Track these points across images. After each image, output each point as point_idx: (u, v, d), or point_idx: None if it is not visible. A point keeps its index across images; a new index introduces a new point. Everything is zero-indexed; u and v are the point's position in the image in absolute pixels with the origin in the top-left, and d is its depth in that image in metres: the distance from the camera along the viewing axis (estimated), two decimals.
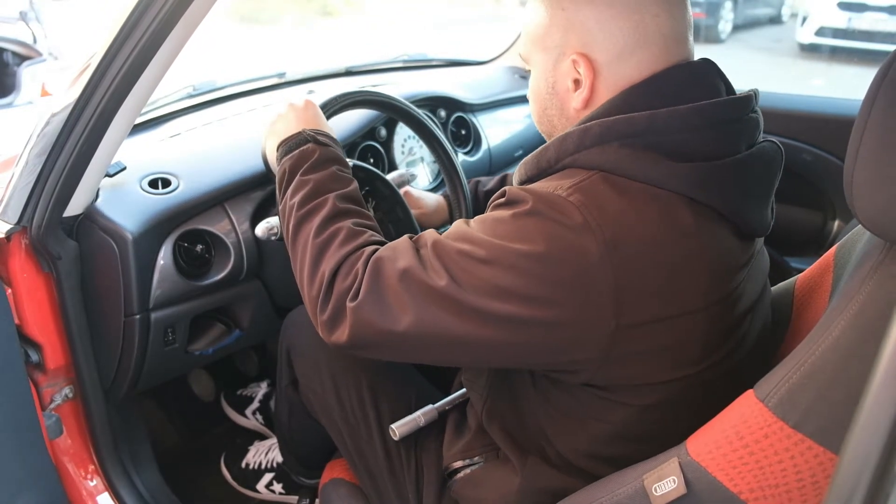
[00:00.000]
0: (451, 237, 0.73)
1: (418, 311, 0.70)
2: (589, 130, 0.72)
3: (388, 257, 0.74)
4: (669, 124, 0.70)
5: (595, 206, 0.67)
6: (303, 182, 0.89)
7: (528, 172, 0.79)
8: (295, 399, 1.15)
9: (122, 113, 0.97)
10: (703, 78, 0.75)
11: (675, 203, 0.69)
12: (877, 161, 0.55)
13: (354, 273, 0.75)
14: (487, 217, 0.73)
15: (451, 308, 0.69)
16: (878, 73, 0.57)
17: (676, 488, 0.63)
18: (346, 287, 0.75)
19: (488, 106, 1.83)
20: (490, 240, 0.69)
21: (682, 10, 0.76)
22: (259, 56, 6.15)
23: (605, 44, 0.74)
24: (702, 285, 0.69)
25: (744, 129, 0.74)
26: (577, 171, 0.72)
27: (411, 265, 0.72)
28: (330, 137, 0.97)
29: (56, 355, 1.16)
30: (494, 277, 0.67)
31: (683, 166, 0.69)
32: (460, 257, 0.70)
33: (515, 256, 0.67)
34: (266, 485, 1.46)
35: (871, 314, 0.56)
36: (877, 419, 0.38)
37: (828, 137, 1.63)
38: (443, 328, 0.70)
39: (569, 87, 0.78)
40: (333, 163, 0.92)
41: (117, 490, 1.25)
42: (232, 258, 1.19)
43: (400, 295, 0.71)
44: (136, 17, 0.87)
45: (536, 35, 0.80)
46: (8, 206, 1.05)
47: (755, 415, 0.59)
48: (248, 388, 1.68)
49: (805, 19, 6.65)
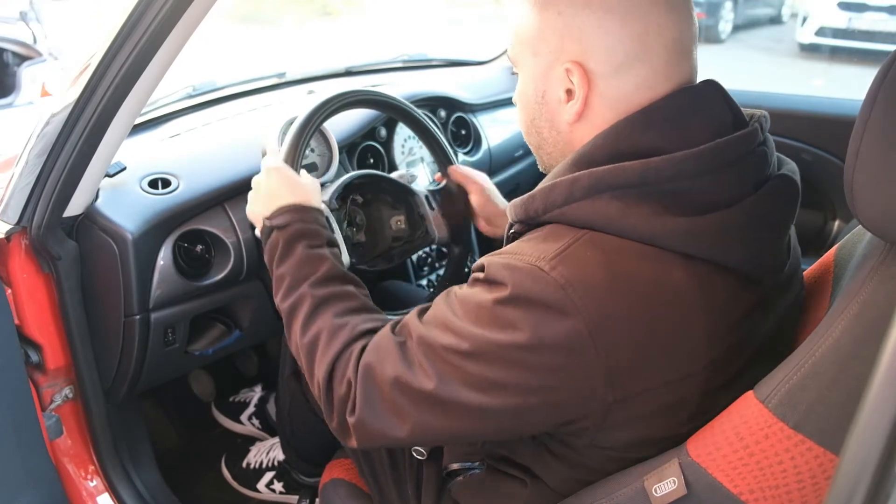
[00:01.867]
0: (435, 324, 0.70)
1: (416, 418, 0.70)
2: (577, 182, 0.66)
3: (375, 363, 0.72)
4: (664, 174, 0.64)
5: (581, 283, 0.62)
6: (278, 278, 0.89)
7: (517, 216, 0.73)
8: (297, 390, 1.15)
9: (122, 113, 0.97)
10: (706, 107, 0.69)
11: (671, 263, 0.63)
12: (877, 161, 0.54)
13: (347, 381, 0.75)
14: (469, 298, 0.68)
15: (446, 410, 0.68)
16: (878, 73, 0.56)
17: (677, 489, 0.63)
18: (342, 397, 0.75)
19: (488, 106, 1.83)
20: (473, 331, 0.66)
21: (688, 23, 0.70)
22: (259, 56, 6.15)
23: (603, 54, 0.68)
24: (702, 346, 0.65)
25: (751, 167, 0.68)
26: (565, 229, 0.67)
27: (399, 372, 0.70)
28: (291, 208, 0.93)
29: (56, 356, 1.16)
30: (482, 371, 0.65)
31: (680, 222, 0.63)
32: (446, 353, 0.67)
33: (500, 348, 0.64)
34: (266, 484, 1.47)
35: (872, 315, 0.56)
36: (877, 420, 0.38)
37: (828, 137, 1.63)
38: (441, 428, 0.70)
39: (560, 98, 0.72)
40: (299, 240, 0.90)
41: (117, 490, 1.25)
42: (232, 258, 1.19)
43: (395, 404, 0.71)
44: (135, 17, 0.87)
45: (527, 37, 0.74)
46: (8, 206, 1.05)
47: (755, 415, 0.59)
48: (240, 393, 1.68)
49: (805, 19, 6.65)
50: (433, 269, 1.57)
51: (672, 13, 0.69)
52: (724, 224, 0.64)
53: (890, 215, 0.55)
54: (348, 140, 1.40)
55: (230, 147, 1.30)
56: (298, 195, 0.96)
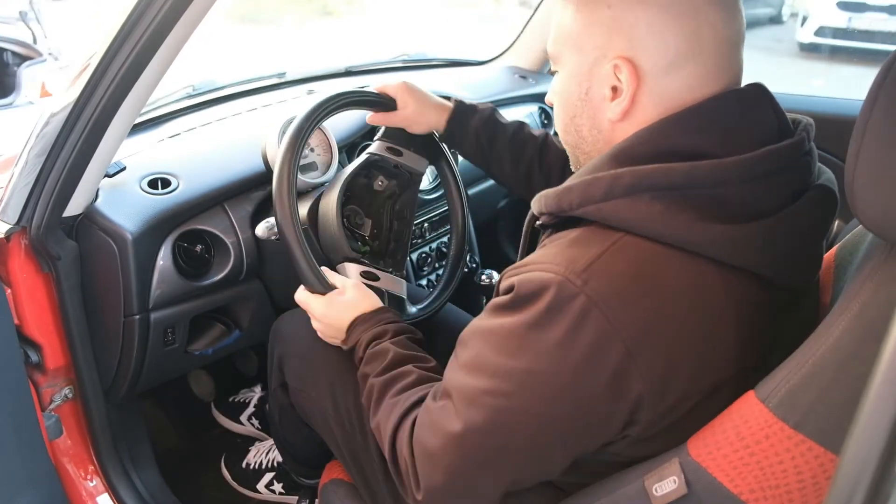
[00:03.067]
0: (470, 370, 0.68)
1: (464, 469, 0.69)
2: (619, 179, 0.63)
3: (424, 437, 0.72)
4: (710, 178, 0.62)
5: (615, 299, 0.60)
6: (362, 378, 0.91)
7: (547, 207, 0.70)
8: (285, 402, 1.14)
9: (121, 113, 0.97)
10: (754, 112, 0.67)
11: (707, 270, 0.62)
12: (878, 162, 0.54)
13: (404, 460, 0.74)
14: (497, 329, 0.66)
15: (502, 457, 0.68)
16: (879, 73, 0.56)
17: (677, 489, 0.63)
18: (405, 472, 0.74)
19: None
20: (507, 363, 0.64)
21: (739, 18, 0.69)
22: (259, 56, 6.15)
23: (654, 50, 0.66)
24: (733, 354, 0.64)
25: (794, 177, 0.67)
26: (597, 234, 0.64)
27: (447, 432, 0.68)
28: (358, 322, 0.95)
29: (56, 356, 1.16)
30: (523, 406, 0.64)
31: (720, 230, 0.61)
32: (486, 398, 0.66)
33: (536, 380, 0.63)
34: (266, 484, 1.46)
35: (872, 315, 0.56)
36: (877, 420, 0.38)
37: (828, 137, 1.63)
38: (511, 470, 0.69)
39: (605, 95, 0.70)
40: (367, 346, 0.92)
41: (117, 490, 1.25)
42: (232, 258, 1.18)
43: (449, 466, 0.69)
44: (135, 17, 0.87)
45: (572, 33, 0.71)
46: (7, 206, 1.05)
47: (756, 415, 0.59)
48: (239, 394, 1.67)
49: (805, 19, 6.65)
50: (433, 270, 1.57)
51: (724, 9, 0.67)
52: (763, 234, 0.63)
53: (890, 215, 0.55)
54: (348, 140, 1.40)
55: (230, 147, 1.30)
56: (360, 308, 0.97)
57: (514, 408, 0.65)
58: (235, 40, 6.45)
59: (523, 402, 0.64)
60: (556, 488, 0.79)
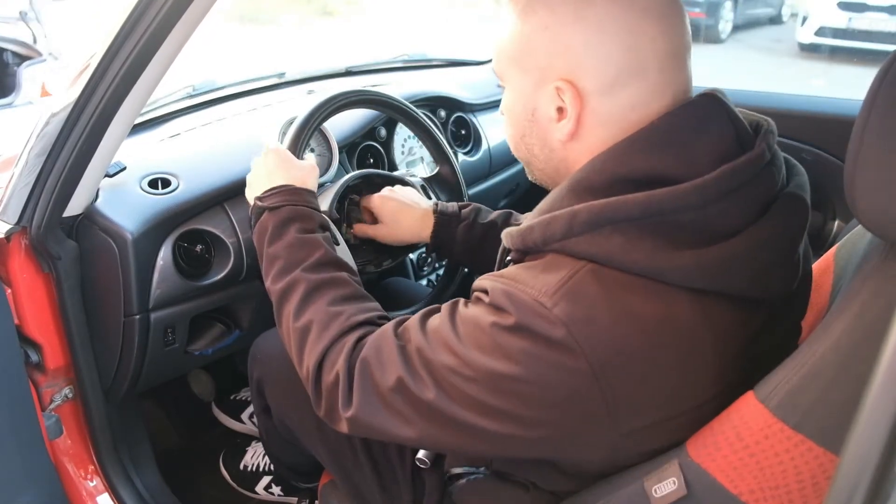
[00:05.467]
0: (437, 340, 0.68)
1: (421, 425, 0.69)
2: (576, 216, 0.62)
3: (375, 363, 0.71)
4: (667, 206, 0.61)
5: (583, 319, 0.59)
6: (269, 259, 0.88)
7: (513, 245, 0.69)
8: (269, 425, 1.14)
9: (121, 113, 0.97)
10: (708, 125, 0.65)
11: (676, 297, 0.61)
12: (878, 162, 0.54)
13: (336, 373, 0.74)
14: (472, 319, 0.66)
15: (447, 423, 0.67)
16: (878, 73, 0.56)
17: (677, 489, 0.62)
18: (330, 386, 0.74)
19: (488, 106, 1.83)
20: (474, 356, 0.64)
21: (681, 30, 0.67)
22: (259, 56, 6.15)
23: (594, 71, 0.65)
24: (710, 377, 0.63)
25: (758, 190, 0.65)
26: (565, 259, 0.63)
27: (401, 375, 0.68)
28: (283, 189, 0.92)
29: (56, 355, 1.16)
30: (481, 395, 0.64)
31: (685, 256, 0.60)
32: (446, 372, 0.66)
33: (499, 378, 0.62)
34: (265, 487, 1.46)
35: (872, 315, 0.56)
36: (877, 420, 0.38)
37: (828, 137, 1.63)
38: (445, 440, 0.69)
39: (551, 116, 0.68)
40: (291, 223, 0.89)
41: (117, 490, 1.25)
42: (232, 258, 1.18)
43: (397, 407, 0.69)
44: (135, 17, 0.87)
45: (513, 53, 0.70)
46: (7, 206, 1.05)
47: (755, 416, 0.59)
48: (241, 392, 1.67)
49: (805, 19, 6.65)
50: (433, 269, 1.57)
51: (663, 22, 0.65)
52: (730, 254, 0.61)
53: (890, 215, 0.55)
54: (348, 140, 1.40)
55: (230, 147, 1.30)
56: (293, 176, 0.95)
57: (467, 391, 0.64)
58: (235, 40, 6.45)
59: (478, 390, 0.64)
60: (551, 494, 0.78)
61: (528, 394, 0.62)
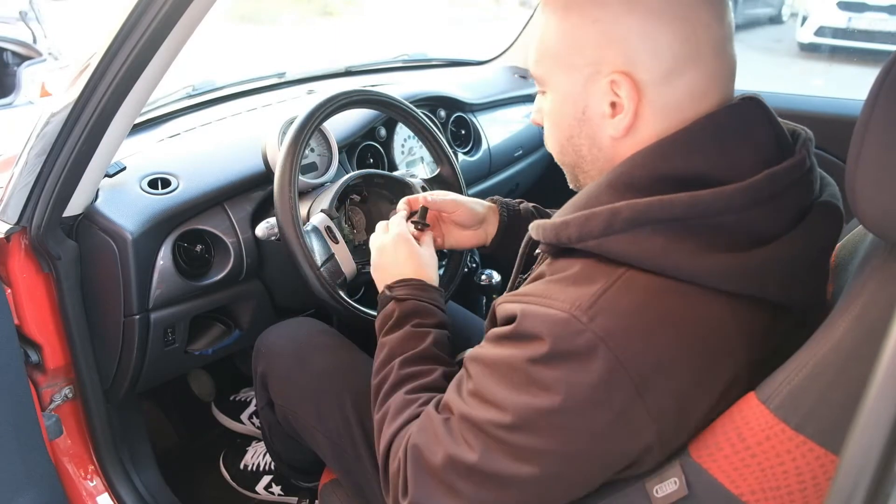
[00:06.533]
0: (474, 397, 0.66)
1: (470, 494, 0.66)
2: (618, 214, 0.61)
3: (423, 445, 0.70)
4: (712, 208, 0.60)
5: (622, 337, 0.58)
6: (381, 346, 0.89)
7: (545, 238, 0.68)
8: (273, 420, 1.14)
9: (121, 113, 0.97)
10: (751, 129, 0.65)
11: (714, 301, 0.60)
12: (879, 162, 0.54)
13: (398, 461, 0.73)
14: (502, 362, 0.64)
15: (495, 483, 0.65)
16: (879, 73, 0.56)
17: (678, 490, 0.62)
18: (394, 475, 0.74)
19: (488, 106, 1.83)
20: (511, 398, 0.62)
21: (729, 15, 0.66)
22: (259, 56, 6.15)
23: (651, 61, 0.63)
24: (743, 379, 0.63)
25: (797, 197, 0.65)
26: (599, 268, 0.62)
27: (447, 450, 0.67)
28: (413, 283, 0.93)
29: (56, 355, 1.16)
30: (528, 442, 0.62)
31: (724, 259, 0.59)
32: (490, 427, 0.64)
33: (542, 415, 0.61)
34: (265, 487, 1.46)
35: (873, 316, 0.56)
36: (877, 420, 0.38)
37: (828, 137, 1.63)
38: (496, 501, 0.67)
39: (605, 112, 0.66)
40: (411, 317, 0.89)
41: (117, 490, 1.25)
42: (232, 258, 1.18)
43: (446, 483, 0.68)
44: (135, 17, 0.87)
45: (558, 52, 0.67)
46: (7, 206, 1.05)
47: (757, 417, 0.59)
48: (240, 392, 1.68)
49: (805, 19, 6.66)
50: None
51: (713, 9, 0.64)
52: (768, 259, 0.61)
53: (891, 216, 0.55)
54: (348, 140, 1.40)
55: (230, 147, 1.30)
56: (423, 273, 0.95)
57: (512, 441, 0.63)
58: (235, 40, 6.45)
59: (523, 437, 0.62)
60: None
61: (573, 425, 0.61)
